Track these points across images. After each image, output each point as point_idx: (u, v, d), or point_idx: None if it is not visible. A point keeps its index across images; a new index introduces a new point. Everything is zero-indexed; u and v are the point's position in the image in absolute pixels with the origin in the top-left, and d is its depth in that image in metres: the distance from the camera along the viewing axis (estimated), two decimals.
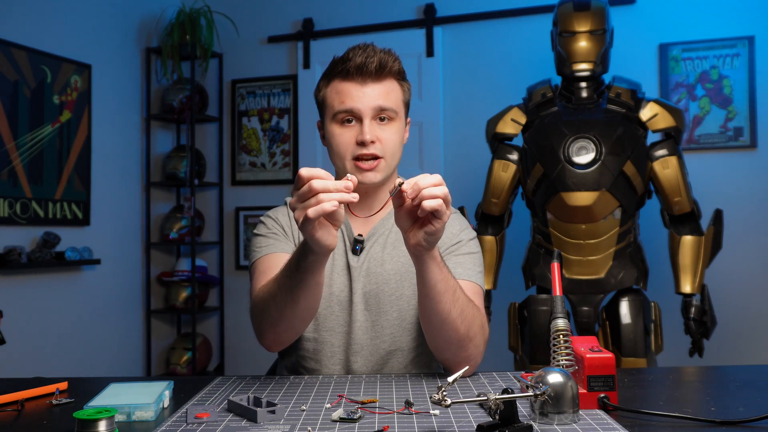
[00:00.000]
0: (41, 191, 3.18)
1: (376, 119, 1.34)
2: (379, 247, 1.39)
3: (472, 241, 1.42)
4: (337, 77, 1.35)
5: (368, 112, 1.32)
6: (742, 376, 1.27)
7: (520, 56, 3.46)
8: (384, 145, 1.34)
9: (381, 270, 1.37)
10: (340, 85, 1.34)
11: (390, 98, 1.35)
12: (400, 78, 1.39)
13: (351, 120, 1.34)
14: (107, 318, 3.57)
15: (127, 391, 1.07)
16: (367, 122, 1.32)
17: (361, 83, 1.33)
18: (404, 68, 1.42)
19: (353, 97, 1.33)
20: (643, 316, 2.41)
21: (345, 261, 1.39)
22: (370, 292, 1.36)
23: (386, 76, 1.35)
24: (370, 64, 1.32)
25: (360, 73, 1.32)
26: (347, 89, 1.33)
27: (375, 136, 1.32)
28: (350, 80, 1.33)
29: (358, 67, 1.32)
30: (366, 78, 1.33)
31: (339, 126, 1.35)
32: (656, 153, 2.44)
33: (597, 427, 0.91)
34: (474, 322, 1.23)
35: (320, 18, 3.85)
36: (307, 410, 1.02)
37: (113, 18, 3.66)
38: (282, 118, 3.97)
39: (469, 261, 1.38)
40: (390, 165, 1.36)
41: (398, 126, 1.37)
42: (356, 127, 1.34)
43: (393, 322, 1.36)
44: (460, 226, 1.43)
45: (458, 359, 1.24)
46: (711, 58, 3.21)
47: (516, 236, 2.84)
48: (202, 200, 4.07)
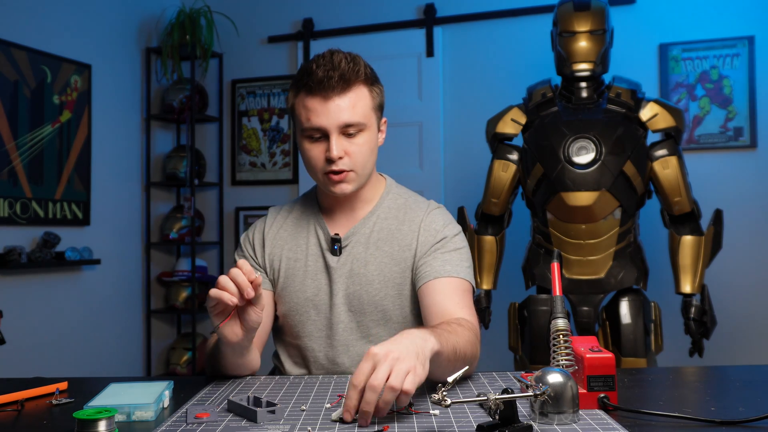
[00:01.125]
0: (41, 191, 3.18)
1: (344, 135, 1.31)
2: (362, 247, 1.38)
3: (457, 236, 1.39)
4: (302, 90, 1.32)
5: (333, 128, 1.29)
6: (742, 376, 1.27)
7: (520, 56, 3.46)
8: (353, 158, 1.32)
9: (364, 271, 1.36)
10: (305, 99, 1.31)
11: (356, 110, 1.30)
12: (368, 83, 1.34)
13: (319, 136, 1.32)
14: (107, 318, 3.57)
15: (127, 391, 1.07)
16: (333, 138, 1.30)
17: (325, 98, 1.29)
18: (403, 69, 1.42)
19: (318, 114, 1.29)
20: (643, 316, 2.41)
21: (322, 263, 1.38)
22: (353, 293, 1.36)
23: (350, 87, 1.30)
24: (331, 79, 1.27)
25: (322, 89, 1.28)
26: (312, 105, 1.30)
27: (342, 150, 1.30)
28: (314, 95, 1.29)
29: (319, 81, 1.28)
30: (329, 93, 1.28)
31: (309, 141, 1.33)
32: (656, 153, 2.43)
33: (597, 427, 0.91)
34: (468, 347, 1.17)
35: (320, 18, 3.85)
36: (307, 410, 1.02)
37: (113, 18, 3.66)
38: (282, 118, 3.97)
39: (456, 257, 1.36)
40: (361, 175, 1.35)
41: (368, 136, 1.34)
42: (324, 143, 1.31)
43: (378, 322, 1.36)
44: (444, 221, 1.40)
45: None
46: (711, 58, 3.21)
47: (516, 236, 2.84)
48: (202, 200, 4.07)
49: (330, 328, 1.36)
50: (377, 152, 1.39)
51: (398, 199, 1.44)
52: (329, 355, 1.37)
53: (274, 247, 1.43)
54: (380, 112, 1.39)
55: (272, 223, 1.47)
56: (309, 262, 1.39)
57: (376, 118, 1.37)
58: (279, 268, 1.41)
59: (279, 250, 1.42)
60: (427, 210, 1.42)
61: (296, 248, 1.41)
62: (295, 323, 1.39)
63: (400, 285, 1.36)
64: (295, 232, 1.43)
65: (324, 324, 1.37)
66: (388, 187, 1.46)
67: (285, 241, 1.43)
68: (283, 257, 1.41)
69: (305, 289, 1.38)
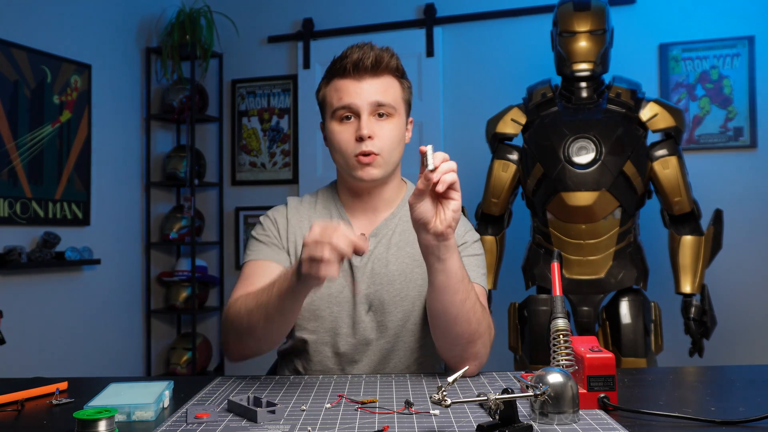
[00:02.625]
0: (41, 191, 3.18)
1: (374, 115, 1.34)
2: (383, 248, 1.38)
3: (476, 243, 1.42)
4: (335, 76, 1.36)
5: (365, 107, 1.33)
6: (742, 376, 1.27)
7: (520, 56, 3.46)
8: (381, 142, 1.33)
9: (385, 271, 1.36)
10: (339, 82, 1.35)
11: (388, 94, 1.35)
12: (398, 75, 1.38)
13: (350, 117, 1.34)
14: (107, 318, 3.57)
15: (127, 391, 1.07)
16: (364, 117, 1.32)
17: (358, 79, 1.33)
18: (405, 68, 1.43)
19: (350, 93, 1.33)
20: (643, 316, 2.41)
21: (347, 261, 1.38)
22: (374, 293, 1.36)
23: (383, 73, 1.35)
24: (366, 60, 1.32)
25: (356, 70, 1.33)
26: (344, 86, 1.34)
27: (372, 131, 1.32)
28: (347, 77, 1.34)
29: (354, 63, 1.32)
30: (362, 74, 1.33)
31: (338, 123, 1.35)
32: (656, 153, 2.44)
33: (597, 427, 0.91)
34: (483, 319, 1.23)
35: (320, 18, 3.85)
36: (307, 410, 1.02)
37: (113, 18, 3.66)
38: (282, 118, 3.97)
39: (473, 263, 1.38)
40: (387, 162, 1.36)
41: (397, 123, 1.36)
42: (355, 124, 1.34)
43: (397, 323, 1.36)
44: (465, 227, 1.43)
45: (466, 355, 1.23)
46: (711, 58, 3.21)
47: (516, 236, 2.84)
48: (202, 200, 4.07)
49: (352, 327, 1.36)
50: (404, 147, 1.41)
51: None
52: (350, 352, 1.36)
53: (298, 236, 1.41)
54: (408, 108, 1.42)
55: (295, 212, 1.45)
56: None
57: (404, 111, 1.40)
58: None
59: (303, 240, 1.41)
60: None
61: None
62: (315, 318, 1.37)
63: (421, 286, 1.36)
64: None
65: (347, 322, 1.37)
66: (409, 191, 1.47)
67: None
68: None
69: (330, 284, 1.37)
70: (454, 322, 1.20)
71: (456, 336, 1.22)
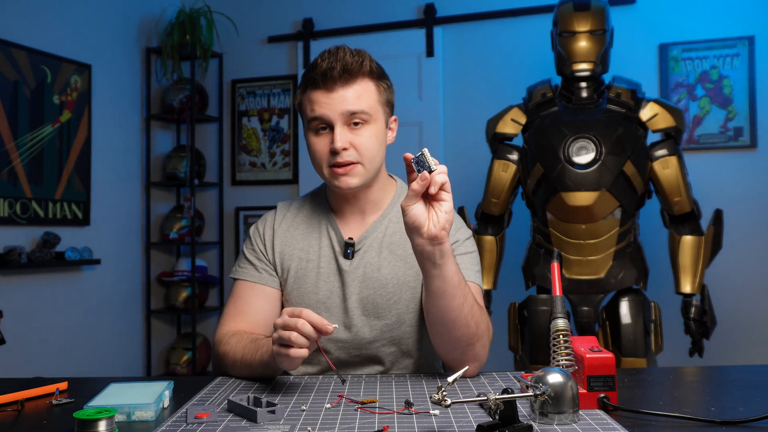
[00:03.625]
0: (41, 191, 3.18)
1: (349, 124, 1.31)
2: (374, 252, 1.37)
3: (468, 240, 1.41)
4: (309, 86, 1.33)
5: (337, 118, 1.30)
6: (742, 376, 1.27)
7: (520, 56, 3.46)
8: (360, 150, 1.31)
9: (378, 275, 1.35)
10: (312, 93, 1.32)
11: (361, 101, 1.30)
12: (374, 77, 1.34)
13: (325, 127, 1.32)
14: (107, 318, 3.57)
15: (127, 391, 1.07)
16: (338, 129, 1.29)
17: (329, 89, 1.30)
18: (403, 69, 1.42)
19: (321, 104, 1.30)
20: (643, 316, 2.41)
21: (335, 266, 1.37)
22: (367, 297, 1.35)
23: (354, 79, 1.31)
24: (334, 70, 1.28)
25: (325, 80, 1.29)
26: (316, 97, 1.31)
27: (347, 142, 1.30)
28: (318, 88, 1.31)
29: (323, 73, 1.29)
30: (332, 84, 1.29)
31: (314, 135, 1.34)
32: (656, 153, 2.44)
33: (597, 427, 0.91)
34: (481, 320, 1.23)
35: (320, 18, 3.85)
36: (307, 410, 1.02)
37: (113, 18, 3.66)
38: (282, 118, 3.97)
39: (467, 260, 1.36)
40: (368, 169, 1.33)
41: (374, 128, 1.33)
42: (329, 135, 1.31)
43: (392, 326, 1.35)
44: (456, 225, 1.41)
45: (466, 358, 1.22)
46: (711, 58, 3.21)
47: (516, 236, 2.84)
48: (202, 200, 4.07)
49: (343, 331, 1.35)
50: (386, 149, 1.39)
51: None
52: (341, 356, 1.36)
53: (285, 245, 1.41)
54: (389, 109, 1.39)
55: (282, 219, 1.45)
56: (322, 264, 1.38)
57: (384, 113, 1.36)
58: (289, 268, 1.40)
59: (290, 249, 1.41)
60: None
61: (308, 248, 1.40)
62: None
63: (414, 288, 1.36)
64: (307, 231, 1.42)
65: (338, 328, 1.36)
66: (399, 190, 1.45)
67: (296, 240, 1.41)
68: (294, 257, 1.40)
69: (318, 291, 1.37)
70: (452, 327, 1.19)
71: (455, 340, 1.21)
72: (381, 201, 1.42)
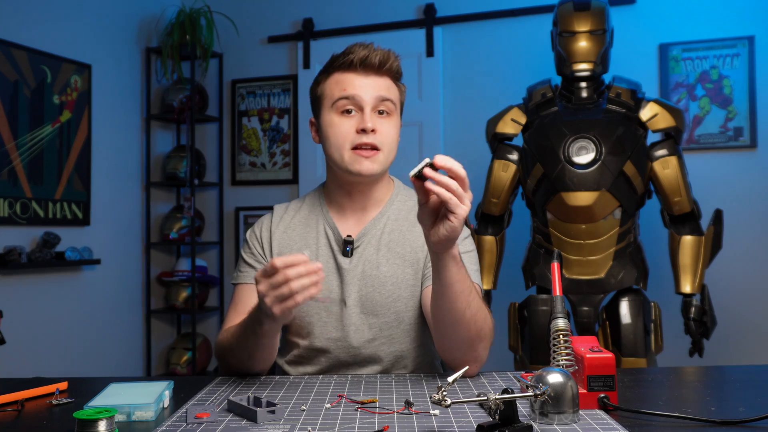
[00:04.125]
0: (41, 191, 3.18)
1: (376, 111, 1.34)
2: (373, 249, 1.37)
3: (467, 239, 1.41)
4: (338, 70, 1.36)
5: (370, 101, 1.33)
6: (742, 376, 1.27)
7: (520, 56, 3.46)
8: (383, 138, 1.34)
9: (377, 273, 1.36)
10: (342, 75, 1.35)
11: (391, 92, 1.37)
12: (397, 78, 1.40)
13: (351, 110, 1.34)
14: (107, 318, 3.57)
15: (127, 391, 1.07)
16: (368, 111, 1.33)
17: (364, 74, 1.34)
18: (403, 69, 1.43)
19: (355, 86, 1.34)
20: (643, 316, 2.41)
21: (333, 264, 1.37)
22: (366, 295, 1.35)
23: (386, 74, 1.37)
24: (374, 57, 1.34)
25: (363, 65, 1.34)
26: (349, 79, 1.34)
27: (375, 126, 1.33)
28: (352, 71, 1.35)
29: (361, 59, 1.33)
30: (368, 70, 1.34)
31: (338, 116, 1.35)
32: (656, 153, 2.44)
33: (597, 427, 0.91)
34: (486, 323, 1.23)
35: (320, 18, 3.85)
36: (307, 410, 1.02)
37: (113, 18, 3.66)
38: (282, 118, 3.97)
39: (465, 259, 1.36)
40: (387, 159, 1.36)
41: (396, 122, 1.38)
42: (356, 117, 1.34)
43: (391, 324, 1.35)
44: None
45: (467, 359, 1.22)
46: (711, 58, 3.21)
47: (516, 236, 2.84)
48: (202, 200, 4.07)
49: (341, 330, 1.35)
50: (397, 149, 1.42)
51: (408, 201, 1.44)
52: (340, 355, 1.36)
53: (283, 246, 1.42)
54: (402, 111, 1.44)
55: (279, 221, 1.45)
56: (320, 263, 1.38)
57: (400, 113, 1.42)
58: None
59: (288, 250, 1.41)
60: None
61: (305, 248, 1.40)
62: (304, 324, 1.38)
63: (413, 287, 1.36)
64: (304, 231, 1.42)
65: (335, 326, 1.36)
66: (397, 189, 1.47)
67: (294, 241, 1.42)
68: None
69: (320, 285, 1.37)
70: (454, 328, 1.19)
71: (455, 341, 1.21)
72: (381, 199, 1.43)
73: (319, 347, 1.37)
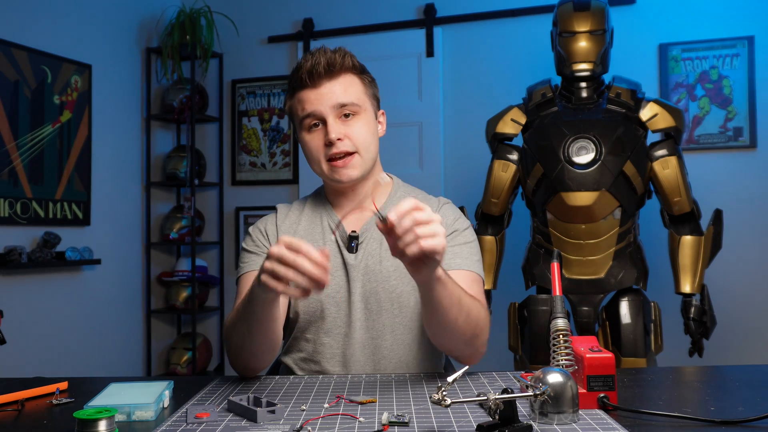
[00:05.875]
0: (41, 191, 3.18)
1: (340, 117, 1.35)
2: (376, 244, 1.38)
3: (467, 230, 1.42)
4: (296, 88, 1.38)
5: (328, 111, 1.34)
6: (742, 376, 1.27)
7: (520, 56, 3.46)
8: (354, 140, 1.34)
9: (379, 267, 1.36)
10: (299, 94, 1.37)
11: (348, 93, 1.35)
12: (357, 72, 1.39)
13: (317, 124, 1.35)
14: (107, 318, 3.57)
15: (127, 391, 1.07)
16: (330, 121, 1.33)
17: (315, 86, 1.34)
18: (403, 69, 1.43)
19: (311, 101, 1.34)
20: (643, 316, 2.41)
21: (340, 260, 1.38)
22: (369, 290, 1.36)
23: (338, 73, 1.35)
24: (318, 66, 1.33)
25: (311, 77, 1.34)
26: (305, 95, 1.35)
27: (341, 133, 1.33)
28: (305, 87, 1.35)
29: (308, 72, 1.34)
30: (318, 80, 1.34)
31: (307, 133, 1.37)
32: (656, 153, 2.44)
33: (597, 427, 0.91)
34: (479, 318, 1.23)
35: (320, 18, 3.85)
36: (307, 410, 1.02)
37: (113, 18, 3.66)
38: (282, 118, 3.97)
39: (466, 250, 1.37)
40: (366, 159, 1.37)
41: (366, 119, 1.37)
42: (323, 130, 1.35)
43: (394, 319, 1.36)
44: (454, 215, 1.43)
45: (465, 354, 1.26)
46: (711, 59, 3.21)
47: (516, 236, 2.84)
48: (202, 200, 4.07)
49: (348, 326, 1.36)
50: (378, 141, 1.42)
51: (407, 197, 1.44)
52: (347, 353, 1.36)
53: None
54: (376, 102, 1.43)
55: (284, 218, 1.46)
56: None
57: (372, 105, 1.41)
58: None
59: None
60: (438, 205, 1.45)
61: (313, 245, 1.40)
62: (315, 320, 1.38)
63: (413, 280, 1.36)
64: (310, 228, 1.43)
65: (343, 321, 1.37)
66: (396, 186, 1.48)
67: (301, 237, 1.42)
68: None
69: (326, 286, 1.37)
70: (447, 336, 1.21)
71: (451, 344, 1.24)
72: (380, 196, 1.43)
73: (326, 342, 1.37)
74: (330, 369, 1.37)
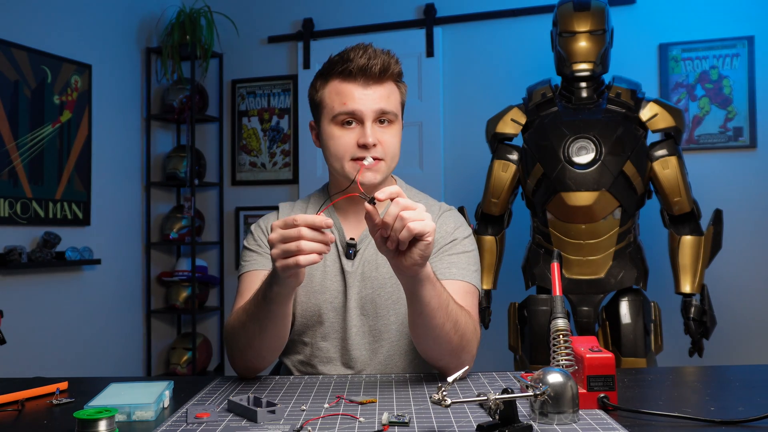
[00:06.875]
0: (41, 191, 3.18)
1: (377, 121, 1.32)
2: (373, 250, 1.37)
3: (467, 239, 1.40)
4: (336, 77, 1.32)
5: (370, 114, 1.30)
6: (742, 376, 1.28)
7: (520, 56, 3.46)
8: (385, 148, 1.32)
9: (376, 274, 1.35)
10: (341, 85, 1.32)
11: (391, 101, 1.33)
12: (398, 80, 1.37)
13: (351, 122, 1.32)
14: (107, 318, 3.57)
15: (127, 391, 1.07)
16: (368, 125, 1.30)
17: (364, 85, 1.31)
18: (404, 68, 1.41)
19: (355, 99, 1.30)
20: (643, 316, 2.41)
21: (339, 266, 1.38)
22: (366, 296, 1.35)
23: (387, 79, 1.33)
24: (374, 66, 1.30)
25: (363, 75, 1.30)
26: (349, 90, 1.31)
27: (376, 138, 1.31)
28: (352, 81, 1.31)
29: (361, 68, 1.29)
30: (369, 80, 1.31)
31: (339, 128, 1.32)
32: (656, 153, 2.44)
33: (597, 427, 0.91)
34: (467, 329, 1.21)
35: (320, 18, 3.85)
36: (307, 410, 1.02)
37: (113, 18, 3.66)
38: (282, 118, 3.97)
39: (464, 260, 1.36)
40: (389, 167, 1.35)
41: (397, 129, 1.36)
42: (357, 129, 1.31)
43: (391, 326, 1.35)
44: (455, 223, 1.41)
45: (452, 366, 1.22)
46: (711, 58, 3.21)
47: (516, 236, 2.84)
48: (202, 200, 4.07)
49: (344, 331, 1.35)
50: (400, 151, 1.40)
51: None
52: (343, 357, 1.36)
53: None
54: (403, 111, 1.41)
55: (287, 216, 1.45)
56: (327, 264, 1.38)
57: (401, 115, 1.40)
58: None
59: None
60: (439, 212, 1.43)
61: None
62: (312, 324, 1.37)
63: None
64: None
65: (339, 326, 1.36)
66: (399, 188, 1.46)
67: None
68: None
69: (325, 290, 1.36)
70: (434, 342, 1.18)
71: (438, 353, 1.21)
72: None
73: (323, 346, 1.37)
74: (326, 373, 1.37)
